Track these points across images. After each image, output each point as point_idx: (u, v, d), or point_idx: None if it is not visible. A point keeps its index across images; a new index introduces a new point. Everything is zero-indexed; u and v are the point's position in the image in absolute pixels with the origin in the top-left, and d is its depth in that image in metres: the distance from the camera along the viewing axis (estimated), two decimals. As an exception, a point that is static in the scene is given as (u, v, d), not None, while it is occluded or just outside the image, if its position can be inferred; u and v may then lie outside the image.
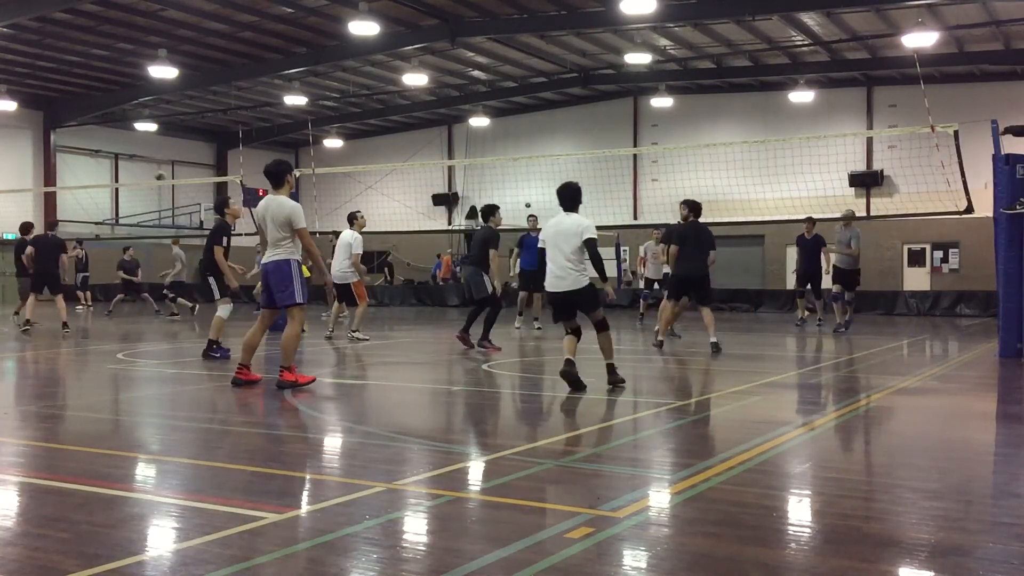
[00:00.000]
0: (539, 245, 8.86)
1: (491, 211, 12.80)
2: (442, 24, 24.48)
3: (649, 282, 18.95)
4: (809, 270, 17.27)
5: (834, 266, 16.50)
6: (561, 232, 8.42)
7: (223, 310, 11.62)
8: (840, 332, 15.97)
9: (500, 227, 12.94)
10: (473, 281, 12.57)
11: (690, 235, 12.36)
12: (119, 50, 26.80)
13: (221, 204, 12.16)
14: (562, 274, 8.41)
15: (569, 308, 8.58)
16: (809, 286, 17.53)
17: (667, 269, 15.52)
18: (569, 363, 8.36)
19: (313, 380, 8.67)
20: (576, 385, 8.29)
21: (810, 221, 17.21)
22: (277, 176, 8.61)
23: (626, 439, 6.33)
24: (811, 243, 17.24)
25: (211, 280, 11.72)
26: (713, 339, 12.01)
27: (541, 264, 8.73)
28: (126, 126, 34.59)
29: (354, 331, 14.23)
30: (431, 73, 28.99)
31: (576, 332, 8.59)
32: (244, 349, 8.68)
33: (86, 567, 3.43)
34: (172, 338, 15.72)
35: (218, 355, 11.25)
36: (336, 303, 14.74)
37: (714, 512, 4.32)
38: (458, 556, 3.62)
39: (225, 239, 11.61)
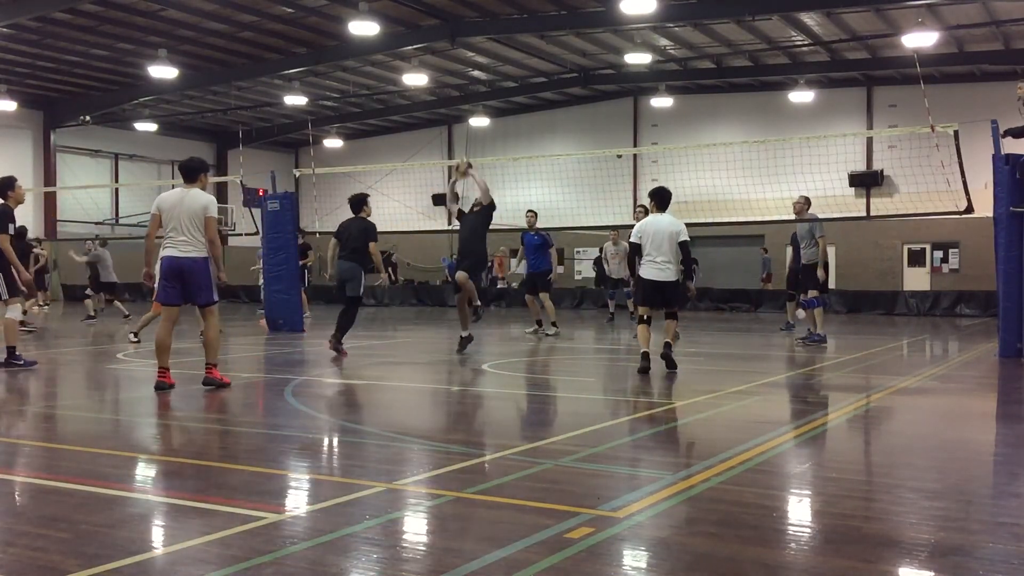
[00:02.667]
0: (634, 239, 9.65)
1: (363, 200, 11.81)
2: (442, 24, 24.48)
3: (614, 282, 19.22)
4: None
5: (804, 265, 13.59)
6: (662, 230, 9.58)
7: (14, 311, 10.27)
8: (807, 341, 13.38)
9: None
10: (351, 277, 11.45)
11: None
12: (119, 50, 26.79)
13: (4, 186, 10.27)
14: (663, 266, 9.59)
15: (660, 298, 9.73)
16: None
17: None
18: (647, 357, 9.55)
19: (229, 383, 8.62)
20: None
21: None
22: (192, 172, 8.58)
23: (626, 439, 6.33)
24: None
25: (0, 277, 10.07)
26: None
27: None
28: (126, 126, 34.59)
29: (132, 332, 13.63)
30: (431, 73, 28.99)
31: (649, 322, 9.75)
32: (159, 351, 8.41)
33: (86, 567, 3.43)
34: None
35: (21, 363, 10.14)
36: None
37: (714, 512, 4.32)
38: (458, 556, 3.62)
39: (12, 227, 10.10)
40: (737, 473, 5.06)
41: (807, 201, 13.89)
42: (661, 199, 9.77)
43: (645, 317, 9.70)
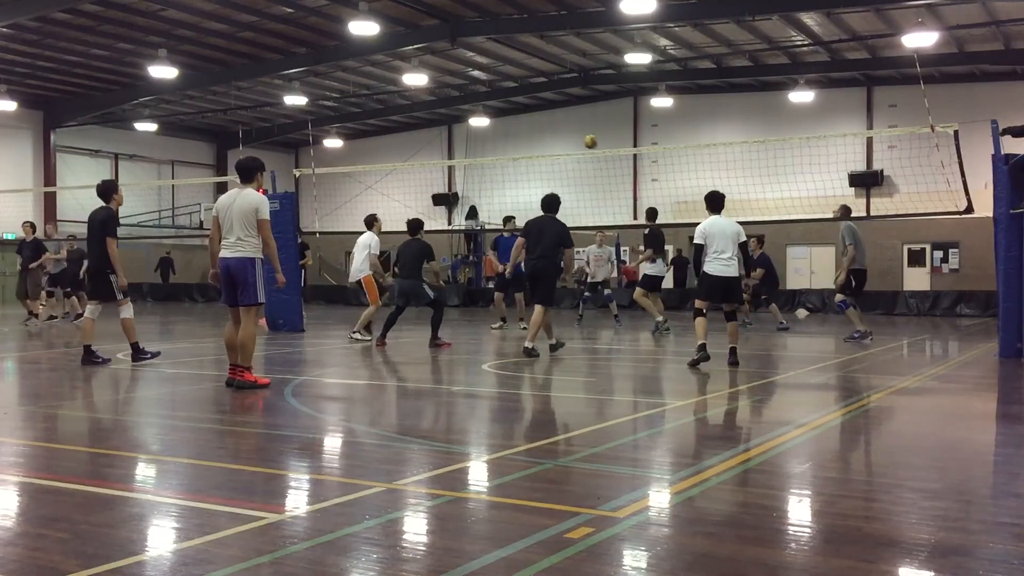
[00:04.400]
0: (698, 241, 10.15)
1: (420, 225, 13.69)
2: (442, 24, 24.48)
3: (593, 285, 19.04)
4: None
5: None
6: (725, 231, 10.19)
7: (127, 310, 10.74)
8: (856, 338, 14.31)
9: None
10: (414, 293, 13.03)
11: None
12: (119, 50, 26.80)
13: (109, 190, 10.78)
14: (728, 263, 10.19)
15: (725, 293, 10.39)
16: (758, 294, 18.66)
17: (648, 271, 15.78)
18: (703, 348, 10.10)
19: (269, 383, 8.61)
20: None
21: (757, 241, 18.21)
22: (249, 171, 8.64)
23: (626, 439, 6.33)
24: (756, 263, 17.87)
25: (112, 279, 10.61)
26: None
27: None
28: (126, 126, 34.59)
29: (354, 332, 14.45)
30: (431, 73, 28.99)
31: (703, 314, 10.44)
32: (228, 349, 8.62)
33: (86, 567, 3.43)
34: (171, 338, 15.72)
35: (148, 356, 10.72)
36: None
37: (714, 512, 4.32)
38: (458, 556, 3.62)
39: (116, 229, 10.65)
40: (737, 473, 5.06)
41: (844, 210, 15.16)
42: (714, 202, 10.39)
43: (704, 311, 10.44)
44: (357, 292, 15.28)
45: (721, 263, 10.18)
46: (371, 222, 14.94)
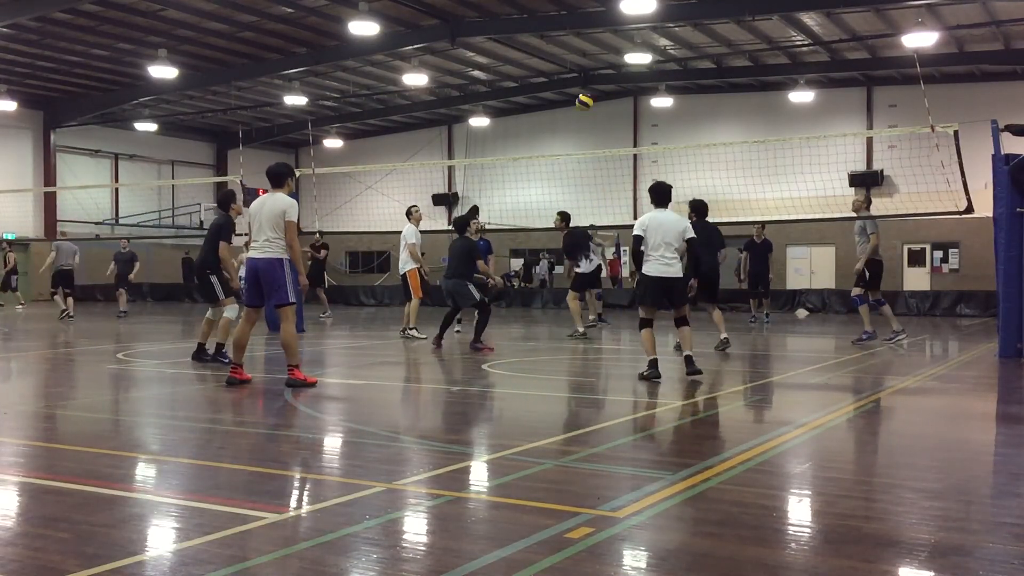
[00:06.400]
0: (637, 231, 9.25)
1: (467, 222, 13.21)
2: (442, 24, 24.49)
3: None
4: (760, 272, 19.07)
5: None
6: (668, 227, 9.24)
7: (231, 311, 11.02)
8: (887, 341, 13.80)
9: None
10: (457, 292, 12.70)
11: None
12: (119, 50, 26.80)
13: (228, 199, 11.31)
14: (670, 262, 9.24)
15: (666, 296, 9.34)
16: (759, 287, 19.35)
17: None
18: (655, 365, 9.19)
19: (316, 383, 8.75)
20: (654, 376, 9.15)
21: (761, 226, 19.14)
22: (279, 177, 8.88)
23: (626, 439, 6.33)
24: (760, 247, 19.12)
25: (213, 279, 11.01)
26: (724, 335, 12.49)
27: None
28: (126, 126, 34.59)
29: (411, 328, 14.56)
30: (431, 73, 29.00)
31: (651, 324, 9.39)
32: (235, 348, 8.84)
33: (86, 567, 3.43)
34: (171, 338, 15.72)
35: (226, 360, 10.65)
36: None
37: (714, 512, 4.32)
38: (458, 556, 3.62)
39: (231, 235, 11.11)
40: (737, 473, 5.06)
41: (866, 200, 15.16)
42: (659, 195, 9.38)
43: (649, 321, 9.36)
44: (403, 287, 15.03)
45: (661, 263, 9.18)
46: (408, 214, 14.96)
